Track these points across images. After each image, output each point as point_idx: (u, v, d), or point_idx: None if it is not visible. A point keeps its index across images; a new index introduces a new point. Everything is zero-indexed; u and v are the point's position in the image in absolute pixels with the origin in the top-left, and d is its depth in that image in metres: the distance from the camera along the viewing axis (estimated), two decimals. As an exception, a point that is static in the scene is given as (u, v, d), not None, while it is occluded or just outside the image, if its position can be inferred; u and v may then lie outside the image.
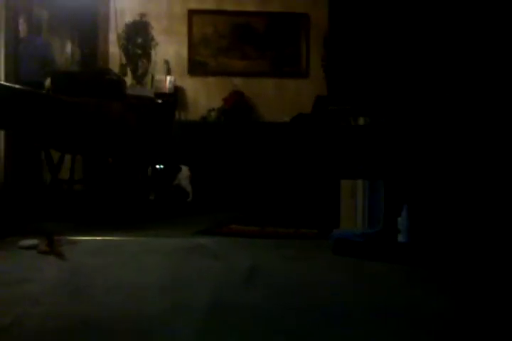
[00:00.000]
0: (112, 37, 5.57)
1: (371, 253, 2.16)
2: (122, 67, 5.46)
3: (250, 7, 5.63)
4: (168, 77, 5.52)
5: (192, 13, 5.62)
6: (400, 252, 2.14)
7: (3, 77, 2.52)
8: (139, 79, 5.50)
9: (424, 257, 2.07)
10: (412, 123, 2.59)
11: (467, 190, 2.36)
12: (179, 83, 5.62)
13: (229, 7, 5.63)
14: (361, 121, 3.04)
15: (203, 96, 5.65)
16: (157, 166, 4.49)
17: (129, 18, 5.52)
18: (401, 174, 2.51)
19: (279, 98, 5.65)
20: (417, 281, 1.84)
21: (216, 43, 5.66)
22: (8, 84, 2.33)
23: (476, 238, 2.18)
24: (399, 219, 2.24)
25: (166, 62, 5.58)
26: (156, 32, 5.56)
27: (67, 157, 3.84)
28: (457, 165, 2.42)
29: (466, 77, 2.52)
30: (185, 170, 4.51)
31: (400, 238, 2.21)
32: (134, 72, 5.49)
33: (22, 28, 3.90)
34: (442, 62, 2.61)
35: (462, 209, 2.32)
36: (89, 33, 5.66)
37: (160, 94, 5.15)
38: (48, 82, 3.02)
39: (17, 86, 2.19)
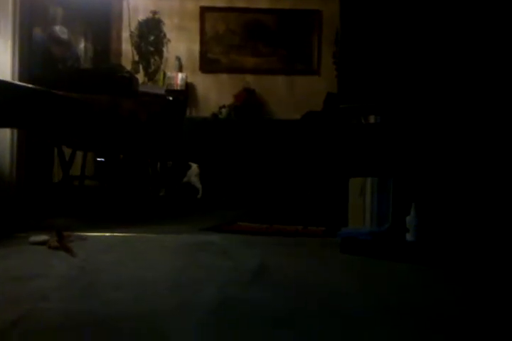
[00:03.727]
0: (125, 34, 5.61)
1: (379, 252, 2.16)
2: (134, 64, 5.51)
3: (262, 4, 5.63)
4: (180, 74, 5.55)
5: (204, 10, 5.64)
6: (408, 251, 2.13)
7: (17, 76, 2.55)
8: (151, 76, 5.54)
9: (433, 256, 2.07)
10: (422, 122, 2.57)
11: (477, 188, 2.34)
12: (190, 80, 5.65)
13: (241, 4, 5.64)
14: (372, 119, 3.02)
15: (214, 93, 5.67)
16: (167, 163, 4.52)
17: (141, 16, 5.56)
18: (410, 172, 2.50)
19: (290, 95, 5.65)
20: (426, 280, 1.84)
21: (228, 40, 5.68)
22: (21, 83, 2.36)
23: (485, 236, 2.17)
24: (407, 217, 2.23)
25: (178, 59, 5.61)
26: (168, 29, 5.59)
27: (79, 153, 3.88)
28: (467, 163, 2.40)
29: (478, 74, 2.49)
30: (195, 167, 4.54)
31: (408, 237, 2.20)
32: (146, 69, 5.53)
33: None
34: (455, 60, 2.59)
35: (471, 207, 2.30)
36: (102, 30, 5.71)
37: (171, 91, 5.19)
38: None
39: (30, 85, 2.22)
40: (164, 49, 5.60)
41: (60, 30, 3.90)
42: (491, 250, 2.09)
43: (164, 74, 5.55)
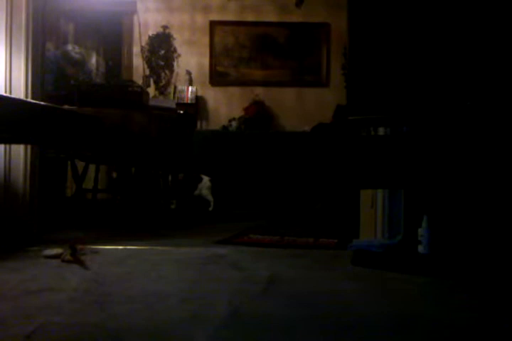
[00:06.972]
0: (136, 49, 5.69)
1: (391, 265, 2.15)
2: (145, 78, 5.57)
3: (271, 17, 5.69)
4: (190, 88, 5.61)
5: (213, 24, 5.71)
6: (420, 263, 2.12)
7: (30, 93, 2.59)
8: (162, 89, 5.60)
9: (445, 268, 2.05)
10: (433, 133, 2.57)
11: (489, 200, 2.32)
12: (201, 93, 5.70)
13: (250, 18, 5.70)
14: (381, 131, 3.03)
15: (224, 106, 5.72)
16: (178, 175, 4.55)
17: (152, 31, 5.64)
18: (421, 184, 2.50)
19: (299, 107, 5.68)
20: (439, 292, 1.83)
21: (237, 53, 5.73)
22: (34, 101, 2.40)
23: (498, 248, 2.15)
24: (419, 229, 2.22)
25: (188, 73, 5.67)
26: (178, 43, 5.66)
27: (92, 166, 3.92)
28: (479, 175, 2.39)
29: (489, 85, 2.49)
30: (206, 180, 4.56)
31: (420, 249, 2.19)
32: (156, 83, 5.59)
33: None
34: (465, 71, 2.59)
35: (483, 218, 2.29)
36: (113, 45, 5.80)
37: (182, 104, 5.24)
38: None
39: (42, 103, 2.26)
40: (174, 63, 5.67)
41: (73, 50, 3.94)
42: (504, 261, 2.07)
43: (175, 87, 5.61)
